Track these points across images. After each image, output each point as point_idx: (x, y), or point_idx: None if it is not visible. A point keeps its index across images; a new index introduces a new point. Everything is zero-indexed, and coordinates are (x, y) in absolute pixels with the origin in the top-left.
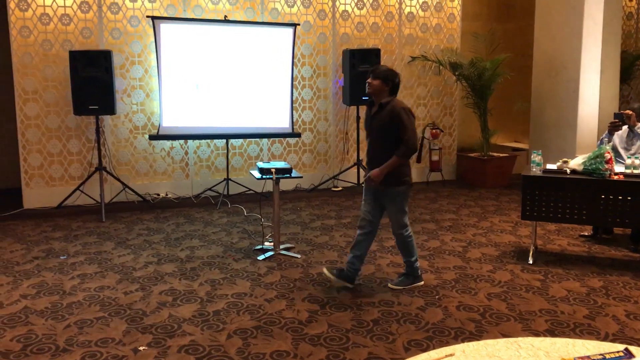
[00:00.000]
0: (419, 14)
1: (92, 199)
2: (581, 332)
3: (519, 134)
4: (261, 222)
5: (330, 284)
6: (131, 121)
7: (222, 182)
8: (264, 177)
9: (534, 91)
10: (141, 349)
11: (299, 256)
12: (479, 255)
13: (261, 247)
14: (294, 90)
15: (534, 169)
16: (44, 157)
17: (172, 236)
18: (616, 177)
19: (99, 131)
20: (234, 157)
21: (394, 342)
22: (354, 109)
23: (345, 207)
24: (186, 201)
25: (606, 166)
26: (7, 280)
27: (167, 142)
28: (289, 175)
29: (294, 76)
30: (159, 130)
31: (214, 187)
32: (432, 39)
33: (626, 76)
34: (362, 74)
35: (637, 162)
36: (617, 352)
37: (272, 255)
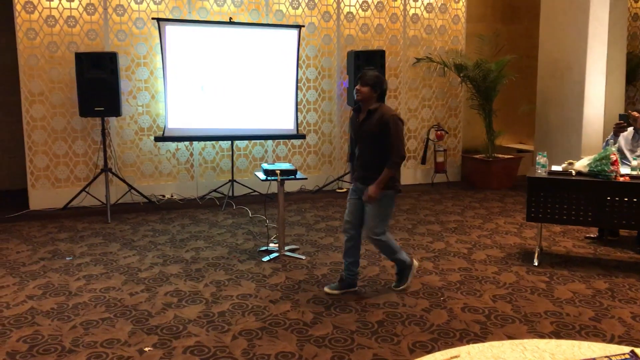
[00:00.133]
0: (423, 15)
1: (98, 200)
2: (587, 334)
3: (524, 135)
4: (266, 224)
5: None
6: (137, 123)
7: (227, 183)
8: (269, 178)
9: (539, 93)
10: (146, 349)
11: (304, 257)
12: (484, 256)
13: (266, 248)
14: (299, 91)
15: (539, 171)
16: (49, 158)
17: (177, 237)
18: (622, 179)
19: (104, 133)
20: (238, 159)
21: (398, 344)
22: None
23: None
24: (191, 202)
25: (612, 168)
26: (14, 281)
27: (172, 144)
28: (293, 176)
29: (299, 78)
30: (164, 131)
31: (219, 188)
32: (436, 41)
33: (632, 77)
34: None
35: None
36: (623, 354)
37: (277, 256)
